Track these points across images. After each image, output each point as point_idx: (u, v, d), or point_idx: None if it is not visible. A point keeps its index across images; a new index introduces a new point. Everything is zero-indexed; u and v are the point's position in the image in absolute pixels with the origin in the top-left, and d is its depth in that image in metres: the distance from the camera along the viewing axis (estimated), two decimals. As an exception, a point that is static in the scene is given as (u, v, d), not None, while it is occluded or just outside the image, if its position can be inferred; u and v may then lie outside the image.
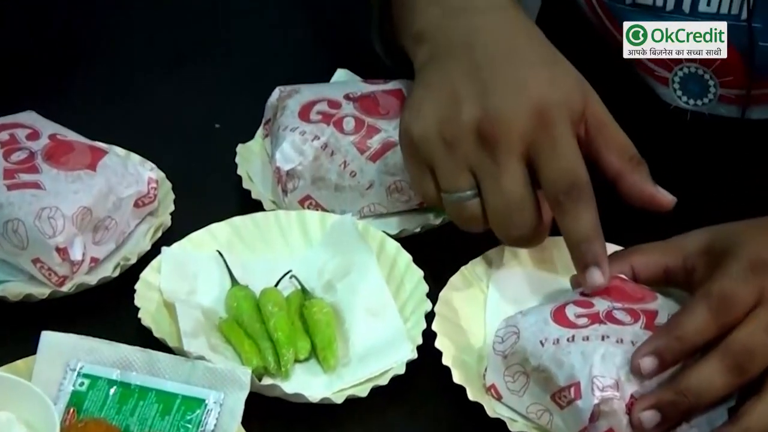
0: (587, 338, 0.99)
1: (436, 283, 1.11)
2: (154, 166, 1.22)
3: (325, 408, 1.02)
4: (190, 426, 0.99)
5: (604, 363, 0.97)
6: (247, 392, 0.99)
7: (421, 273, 1.12)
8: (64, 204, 1.10)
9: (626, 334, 0.99)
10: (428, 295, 1.10)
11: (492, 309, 1.11)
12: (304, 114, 1.21)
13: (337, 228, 1.16)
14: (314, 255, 1.16)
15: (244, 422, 0.99)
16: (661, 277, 1.06)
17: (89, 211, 1.11)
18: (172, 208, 1.18)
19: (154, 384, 1.01)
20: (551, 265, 1.15)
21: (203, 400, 1.00)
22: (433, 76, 1.10)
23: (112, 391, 1.00)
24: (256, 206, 1.21)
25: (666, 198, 1.07)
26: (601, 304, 1.03)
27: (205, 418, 0.99)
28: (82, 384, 1.01)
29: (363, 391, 1.03)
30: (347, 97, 1.23)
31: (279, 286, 1.13)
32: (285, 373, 1.06)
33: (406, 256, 1.14)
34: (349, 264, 1.14)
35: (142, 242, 1.15)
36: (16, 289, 1.10)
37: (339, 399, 1.02)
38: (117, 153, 1.20)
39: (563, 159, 1.04)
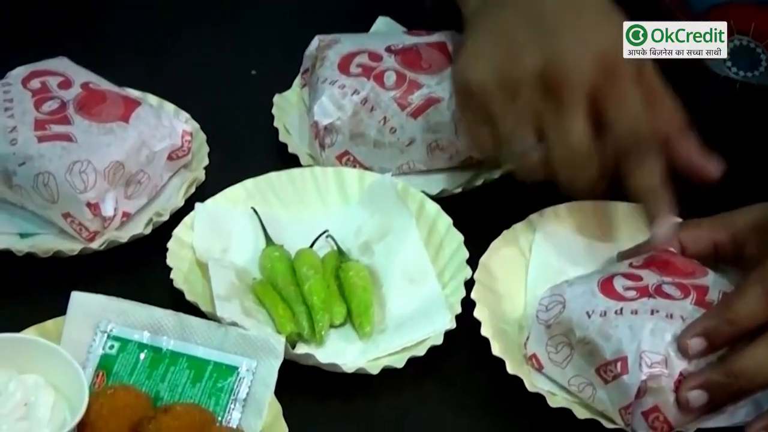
0: (636, 312, 0.96)
1: (476, 247, 1.08)
2: (188, 116, 1.19)
3: (359, 377, 1.00)
4: (221, 394, 0.96)
5: (653, 338, 0.94)
6: (280, 361, 0.97)
7: (461, 237, 1.08)
8: (95, 158, 1.07)
9: (676, 309, 0.96)
10: (468, 261, 1.07)
11: (534, 276, 1.08)
12: (344, 66, 1.17)
13: (376, 187, 1.13)
14: (351, 214, 1.13)
15: (277, 391, 0.96)
16: (710, 253, 1.02)
17: (121, 166, 1.08)
18: (206, 161, 1.15)
19: (185, 349, 0.98)
20: (596, 230, 1.12)
21: (236, 368, 0.97)
22: (490, 22, 1.06)
23: (142, 355, 0.98)
24: (293, 160, 1.17)
25: (713, 167, 1.04)
26: (650, 278, 0.99)
27: (237, 386, 0.97)
28: (112, 347, 0.98)
29: (399, 362, 1.00)
30: (389, 49, 1.18)
31: (314, 246, 1.10)
32: (319, 339, 1.03)
33: (446, 219, 1.10)
34: (387, 225, 1.10)
35: (175, 198, 1.12)
36: (45, 244, 1.07)
37: (374, 369, 0.99)
38: (150, 103, 1.17)
39: (633, 109, 1.01)
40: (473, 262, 1.06)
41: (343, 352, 1.03)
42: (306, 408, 0.98)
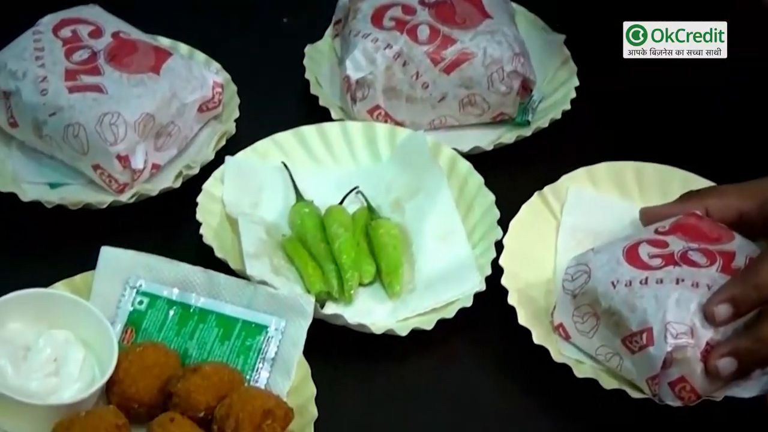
0: (661, 281, 0.95)
1: (507, 206, 1.07)
2: (219, 67, 1.18)
3: (388, 338, 0.99)
4: (250, 353, 0.96)
5: (678, 308, 0.93)
6: (309, 321, 0.97)
7: (492, 197, 1.08)
8: (126, 110, 1.06)
9: (702, 277, 0.96)
10: (498, 222, 1.06)
11: (564, 239, 1.08)
12: (377, 19, 1.16)
13: (408, 144, 1.12)
14: (382, 170, 1.12)
15: (305, 351, 0.96)
16: (736, 221, 1.02)
17: (152, 118, 1.07)
18: (236, 114, 1.14)
19: (214, 307, 0.98)
20: (628, 192, 1.11)
21: (265, 327, 0.97)
22: None
23: (171, 312, 0.98)
24: (324, 113, 1.16)
25: None
26: (676, 244, 0.99)
27: (265, 345, 0.97)
28: (141, 303, 0.98)
29: (428, 324, 1.00)
30: (422, 2, 1.17)
31: (344, 202, 1.10)
32: (348, 298, 1.03)
33: (477, 178, 1.09)
34: (418, 183, 1.10)
35: (205, 150, 1.11)
36: (75, 196, 1.07)
37: (403, 331, 0.99)
38: (181, 53, 1.16)
39: None
40: (503, 222, 1.06)
41: (372, 311, 1.03)
42: (334, 368, 0.98)
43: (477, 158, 1.12)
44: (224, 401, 0.91)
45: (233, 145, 1.12)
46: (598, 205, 1.09)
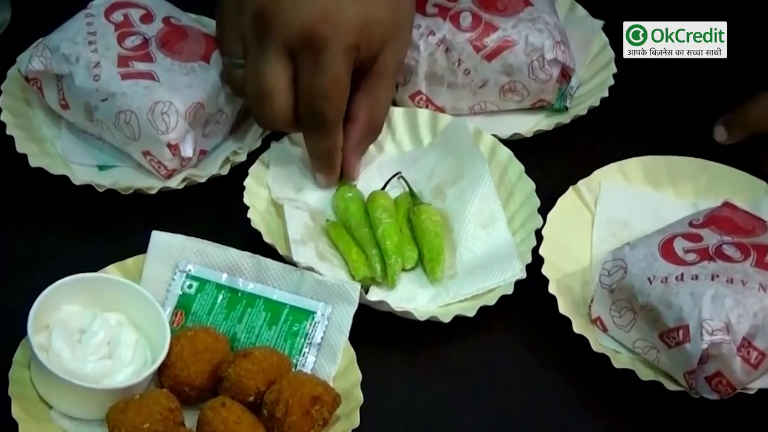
0: (696, 277, 0.98)
1: (547, 194, 1.10)
2: (264, 51, 1.19)
3: (431, 324, 1.02)
4: (297, 338, 0.99)
5: (713, 305, 0.96)
6: (355, 307, 1.00)
7: (532, 185, 1.10)
8: (177, 99, 1.08)
9: (736, 272, 0.98)
10: (539, 210, 1.08)
11: (599, 230, 1.10)
12: (420, 5, 1.17)
13: (450, 130, 1.14)
14: (424, 156, 1.14)
15: (350, 337, 0.99)
16: None
17: (202, 107, 1.09)
18: (281, 99, 1.16)
19: (262, 292, 1.01)
20: (661, 185, 1.13)
21: (312, 312, 1.00)
22: None
23: (220, 296, 1.01)
24: (366, 97, 1.18)
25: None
26: (710, 238, 1.01)
27: (312, 330, 0.99)
28: (190, 287, 1.01)
29: (470, 311, 1.02)
30: (465, -12, 1.19)
31: (386, 187, 1.12)
32: (392, 283, 1.05)
33: (518, 166, 1.12)
34: (460, 170, 1.12)
35: (252, 136, 1.13)
36: (126, 180, 1.09)
37: (446, 318, 1.02)
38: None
39: (320, 81, 1.02)
40: (543, 210, 1.08)
41: (414, 296, 1.05)
42: (378, 354, 1.01)
43: (515, 144, 1.14)
44: (274, 387, 0.94)
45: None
46: (631, 198, 1.12)
